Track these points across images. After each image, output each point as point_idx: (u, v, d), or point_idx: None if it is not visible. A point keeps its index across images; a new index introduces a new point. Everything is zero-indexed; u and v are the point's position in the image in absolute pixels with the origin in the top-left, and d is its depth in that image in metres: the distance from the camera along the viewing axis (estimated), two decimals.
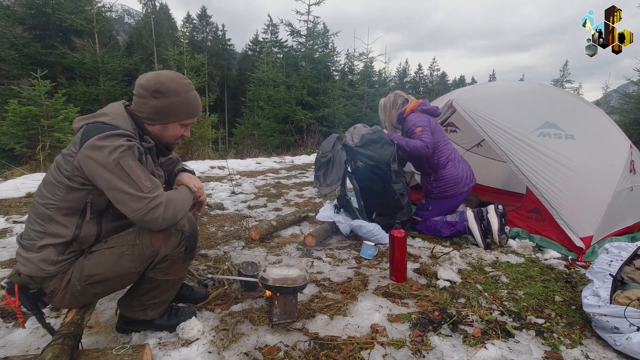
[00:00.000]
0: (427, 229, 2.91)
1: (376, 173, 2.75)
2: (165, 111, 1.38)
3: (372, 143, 2.76)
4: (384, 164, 2.72)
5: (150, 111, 1.37)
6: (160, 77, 1.36)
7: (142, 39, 31.49)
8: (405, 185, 2.87)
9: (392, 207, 2.81)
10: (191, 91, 1.43)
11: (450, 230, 2.79)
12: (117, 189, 1.21)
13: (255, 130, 15.34)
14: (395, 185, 2.76)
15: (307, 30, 12.15)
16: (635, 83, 11.71)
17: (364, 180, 2.84)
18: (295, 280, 1.58)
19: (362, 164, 2.76)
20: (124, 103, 1.40)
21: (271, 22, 35.21)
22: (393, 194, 2.76)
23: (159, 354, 1.38)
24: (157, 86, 1.34)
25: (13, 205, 3.62)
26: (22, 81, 10.10)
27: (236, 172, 6.07)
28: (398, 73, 39.08)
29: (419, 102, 2.99)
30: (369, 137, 2.78)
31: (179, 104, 1.39)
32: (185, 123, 1.46)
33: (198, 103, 1.46)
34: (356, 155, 2.79)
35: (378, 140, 2.77)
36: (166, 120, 1.41)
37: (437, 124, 2.97)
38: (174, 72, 1.42)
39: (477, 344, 1.49)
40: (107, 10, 11.73)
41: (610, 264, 1.76)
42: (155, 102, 1.36)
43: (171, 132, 1.45)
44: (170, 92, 1.36)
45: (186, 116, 1.44)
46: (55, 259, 1.26)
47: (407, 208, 2.84)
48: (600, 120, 3.03)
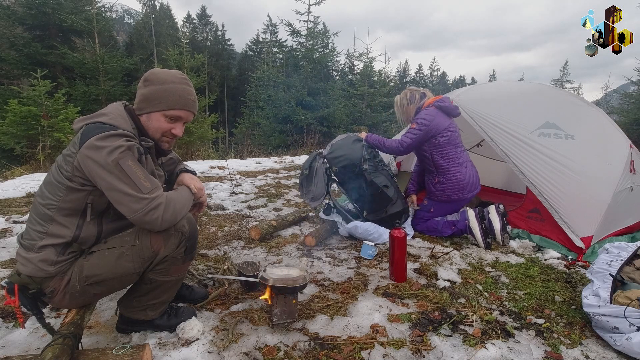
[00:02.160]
0: (428, 229, 2.91)
1: (353, 171, 2.81)
2: (149, 98, 1.37)
3: (340, 146, 2.88)
4: (357, 160, 2.78)
5: (139, 99, 1.39)
6: (157, 69, 1.38)
7: (142, 39, 31.48)
8: (389, 177, 2.87)
9: (379, 201, 2.81)
10: (181, 84, 1.39)
11: (451, 229, 2.79)
12: (117, 190, 1.21)
13: (255, 130, 15.34)
14: (376, 179, 2.78)
15: (307, 30, 12.15)
16: (635, 83, 11.71)
17: (346, 183, 2.90)
18: (295, 280, 1.58)
19: (337, 168, 2.85)
20: (123, 103, 1.40)
21: (271, 22, 35.23)
22: (376, 188, 2.77)
23: (159, 354, 1.39)
24: (148, 75, 1.37)
25: (13, 205, 3.62)
26: (22, 81, 10.10)
27: (236, 172, 6.07)
28: (398, 73, 39.13)
29: (438, 98, 2.89)
30: (337, 142, 2.96)
31: (162, 91, 1.36)
32: (168, 114, 1.39)
33: (185, 96, 1.40)
34: (331, 162, 2.88)
35: (345, 141, 2.90)
36: (149, 109, 1.38)
37: (449, 124, 2.80)
38: (175, 70, 1.43)
39: (477, 344, 1.49)
40: (107, 10, 11.72)
41: (610, 264, 1.76)
42: (143, 90, 1.38)
43: (155, 124, 1.40)
44: (158, 80, 1.37)
45: (168, 106, 1.37)
46: (55, 259, 1.26)
47: (396, 199, 2.83)
48: (600, 120, 3.03)
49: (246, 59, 37.43)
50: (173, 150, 1.66)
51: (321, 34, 12.68)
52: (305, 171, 2.94)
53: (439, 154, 2.81)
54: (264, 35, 37.27)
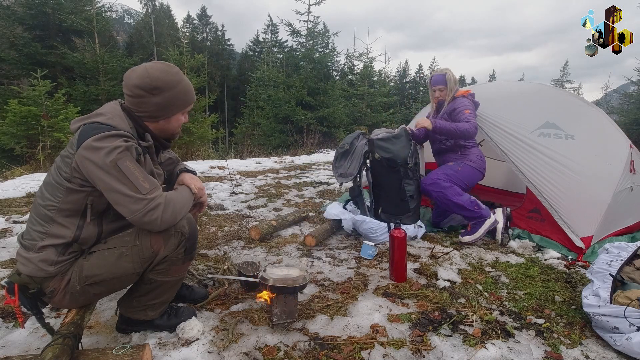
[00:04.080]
0: (441, 191, 2.68)
1: (391, 167, 2.77)
2: (167, 105, 1.39)
3: (393, 138, 2.83)
4: (401, 159, 2.76)
5: (153, 109, 1.37)
6: (151, 72, 1.33)
7: (142, 39, 31.50)
8: (418, 190, 2.85)
9: (399, 207, 2.81)
10: (184, 79, 1.43)
11: (473, 207, 2.68)
12: (115, 191, 1.20)
13: (255, 130, 15.36)
14: (407, 185, 2.77)
15: (307, 30, 12.16)
16: (635, 83, 11.72)
17: (378, 175, 2.86)
18: (295, 280, 1.57)
19: (379, 155, 2.80)
20: (120, 102, 1.39)
21: (271, 22, 35.23)
22: (403, 195, 2.77)
23: (159, 354, 1.39)
24: (154, 83, 1.32)
25: (13, 205, 3.62)
26: (22, 81, 10.09)
27: (236, 172, 6.07)
28: (398, 73, 39.13)
29: (469, 92, 3.00)
30: (392, 133, 2.89)
31: (177, 95, 1.40)
32: (185, 111, 1.49)
33: (191, 90, 1.48)
34: (375, 147, 2.83)
35: (399, 137, 2.84)
36: (169, 114, 1.42)
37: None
38: (159, 63, 1.39)
39: (477, 344, 1.49)
40: (107, 10, 11.71)
41: (610, 264, 1.76)
42: (155, 99, 1.35)
43: (174, 123, 1.47)
44: (168, 86, 1.36)
45: (186, 104, 1.46)
46: (55, 259, 1.26)
47: (413, 213, 2.83)
48: (600, 120, 3.03)
49: (246, 59, 37.45)
50: (172, 150, 1.66)
51: (321, 34, 12.70)
52: (347, 146, 2.94)
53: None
54: (264, 35, 37.33)
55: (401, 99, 26.02)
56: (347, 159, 2.93)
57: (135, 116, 1.37)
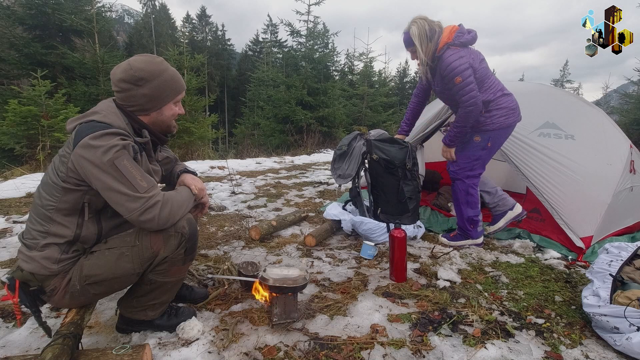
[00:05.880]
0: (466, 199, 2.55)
1: (389, 168, 2.77)
2: (155, 96, 1.37)
3: (390, 141, 2.83)
4: (398, 160, 2.76)
5: (142, 101, 1.35)
6: (134, 64, 1.32)
7: (142, 39, 31.53)
8: (416, 191, 2.82)
9: (397, 208, 2.81)
10: (169, 68, 1.41)
11: (469, 225, 2.62)
12: (113, 190, 1.20)
13: (255, 130, 15.35)
14: (405, 186, 2.76)
15: (307, 31, 12.14)
16: (635, 83, 11.72)
17: (376, 175, 2.86)
18: (295, 280, 1.57)
19: (377, 156, 2.79)
20: (114, 99, 1.39)
21: (271, 22, 35.28)
22: (402, 196, 2.76)
23: (159, 354, 1.39)
24: (138, 74, 1.31)
25: (13, 205, 3.62)
26: (22, 81, 10.09)
27: (236, 172, 6.07)
28: (398, 73, 39.03)
29: (454, 32, 2.34)
30: (388, 135, 2.90)
31: (164, 84, 1.37)
32: (176, 100, 1.46)
33: (179, 77, 1.45)
34: (373, 147, 2.83)
35: (395, 142, 2.83)
36: (160, 105, 1.40)
37: (477, 54, 2.42)
38: (143, 55, 1.38)
39: (477, 344, 1.49)
40: (107, 10, 11.69)
41: (610, 264, 1.76)
42: (142, 90, 1.33)
43: (167, 113, 1.44)
44: (152, 76, 1.34)
45: (175, 93, 1.43)
46: (58, 257, 1.27)
47: (413, 213, 2.83)
48: (601, 120, 3.03)
49: (246, 59, 37.45)
50: (172, 151, 1.66)
51: (321, 34, 12.67)
52: (344, 147, 2.94)
53: (482, 89, 2.40)
54: (264, 35, 37.33)
55: (401, 99, 25.99)
56: (345, 160, 2.94)
57: (128, 112, 1.36)
